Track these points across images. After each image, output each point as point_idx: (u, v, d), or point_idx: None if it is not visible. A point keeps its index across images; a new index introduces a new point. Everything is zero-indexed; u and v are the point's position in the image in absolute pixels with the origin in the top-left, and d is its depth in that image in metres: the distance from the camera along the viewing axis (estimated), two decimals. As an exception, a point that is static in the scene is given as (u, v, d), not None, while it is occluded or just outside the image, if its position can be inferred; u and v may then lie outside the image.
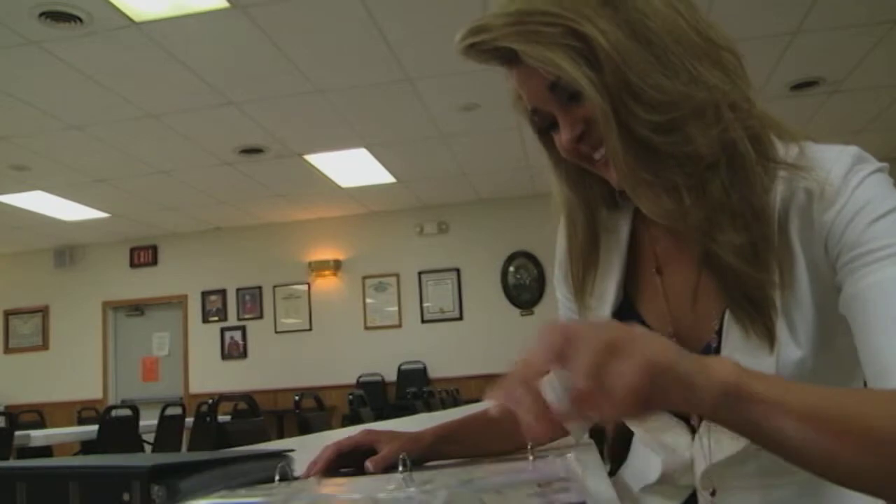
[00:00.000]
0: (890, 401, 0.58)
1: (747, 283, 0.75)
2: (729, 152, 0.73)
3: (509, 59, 0.75)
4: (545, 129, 0.81)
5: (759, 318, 0.75)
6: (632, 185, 0.75)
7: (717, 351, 0.80)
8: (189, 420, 5.49)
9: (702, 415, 0.67)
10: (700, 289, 0.83)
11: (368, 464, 0.85)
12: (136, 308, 8.71)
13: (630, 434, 1.05)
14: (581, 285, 0.92)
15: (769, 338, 0.75)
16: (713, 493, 0.84)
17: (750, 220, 0.74)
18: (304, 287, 8.26)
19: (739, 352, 0.77)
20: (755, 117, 0.75)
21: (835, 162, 0.74)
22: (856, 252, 0.71)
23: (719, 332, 0.80)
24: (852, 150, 0.75)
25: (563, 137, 0.77)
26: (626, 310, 0.90)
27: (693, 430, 0.85)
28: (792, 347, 0.75)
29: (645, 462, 0.95)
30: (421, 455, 0.93)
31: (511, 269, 7.92)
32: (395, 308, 8.06)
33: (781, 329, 0.75)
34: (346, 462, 0.88)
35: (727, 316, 0.79)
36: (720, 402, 0.56)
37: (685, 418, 0.85)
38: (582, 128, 0.76)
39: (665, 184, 0.74)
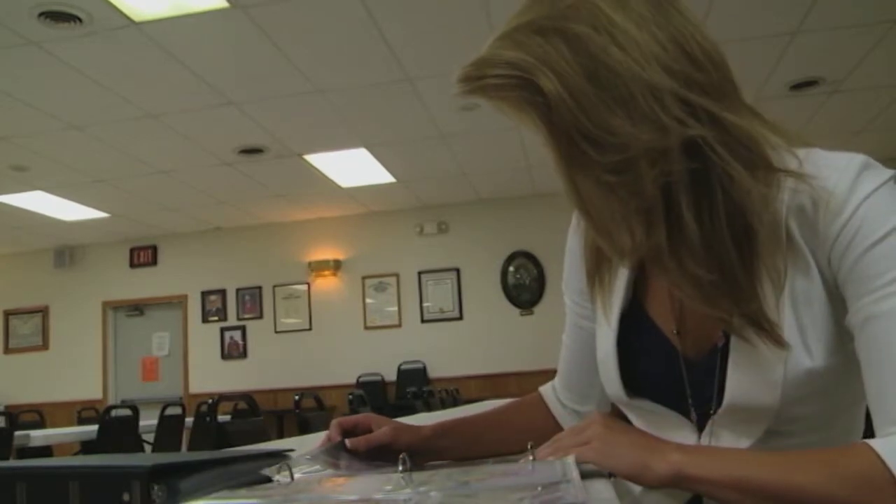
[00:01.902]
0: (816, 463, 0.67)
1: (728, 311, 0.76)
2: (702, 183, 0.72)
3: None
4: None
5: (761, 333, 0.75)
6: (591, 223, 0.77)
7: (726, 351, 0.80)
8: (189, 420, 5.49)
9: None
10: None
11: (348, 441, 0.90)
12: (136, 308, 8.71)
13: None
14: (594, 276, 0.93)
15: (778, 344, 0.75)
16: None
17: (730, 246, 0.73)
18: (304, 287, 8.26)
19: (749, 354, 0.77)
20: (743, 132, 0.73)
21: (842, 171, 0.73)
22: (855, 275, 0.71)
23: (727, 332, 0.80)
24: (860, 159, 0.74)
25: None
26: (634, 308, 0.91)
27: (699, 429, 0.85)
28: (803, 354, 0.75)
29: None
30: (417, 447, 0.93)
31: (511, 268, 7.92)
32: (395, 308, 8.06)
33: (792, 335, 0.75)
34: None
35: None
36: (672, 484, 0.70)
37: (689, 417, 0.86)
38: None
39: (623, 221, 0.75)
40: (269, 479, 0.71)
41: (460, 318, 7.94)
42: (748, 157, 0.73)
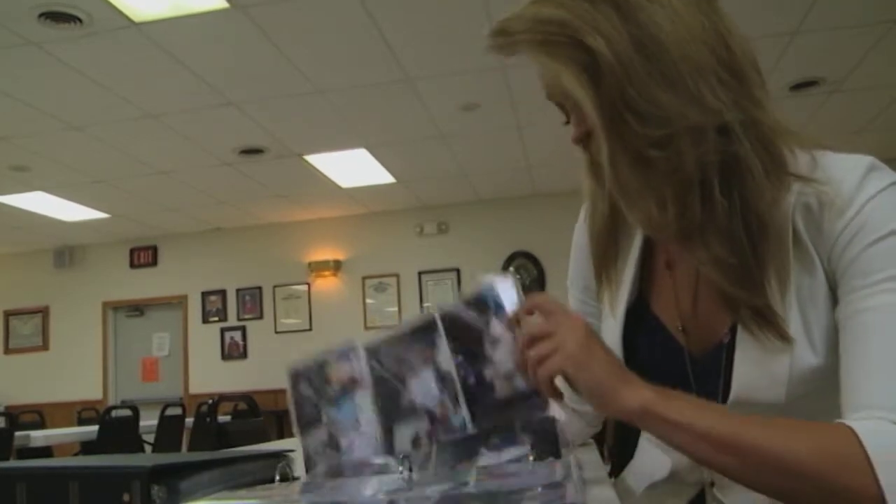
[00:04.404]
0: (794, 430, 0.67)
1: (742, 295, 0.76)
2: (727, 170, 0.74)
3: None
4: (567, 117, 0.83)
5: (767, 326, 0.75)
6: (623, 194, 0.77)
7: (731, 348, 0.80)
8: (189, 420, 5.49)
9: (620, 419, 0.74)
10: (710, 287, 0.84)
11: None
12: (136, 308, 8.71)
13: (631, 435, 1.06)
14: (600, 268, 0.93)
15: (781, 341, 0.75)
16: (712, 484, 0.85)
17: (743, 237, 0.75)
18: (304, 287, 8.26)
19: (755, 350, 0.77)
20: (767, 130, 0.75)
21: (849, 172, 0.74)
22: (852, 271, 0.72)
23: (733, 329, 0.80)
24: (867, 160, 0.76)
25: (572, 134, 0.80)
26: (639, 305, 0.91)
27: None
28: (807, 351, 0.75)
29: (653, 460, 0.95)
30: None
31: (511, 269, 7.92)
32: (395, 308, 8.06)
33: (797, 332, 0.75)
34: None
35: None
36: (635, 416, 0.70)
37: None
38: (581, 134, 0.79)
39: (655, 195, 0.75)
40: (269, 479, 0.71)
41: (460, 318, 7.93)
42: (767, 155, 0.74)
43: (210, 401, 4.69)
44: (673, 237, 0.79)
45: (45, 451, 4.68)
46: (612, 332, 0.92)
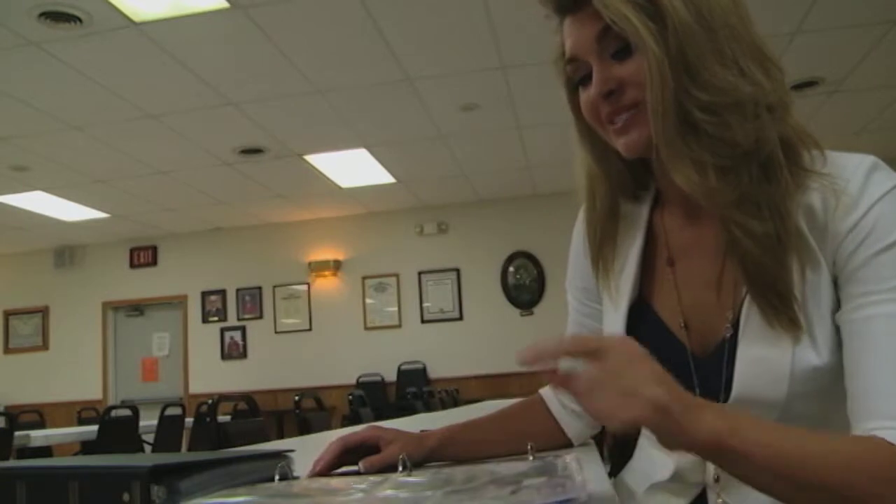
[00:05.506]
0: (850, 461, 0.64)
1: (769, 273, 0.76)
2: (764, 149, 0.75)
3: (572, 3, 0.78)
4: (577, 82, 0.83)
5: (783, 308, 0.76)
6: (666, 145, 0.76)
7: (733, 342, 0.80)
8: (189, 420, 5.49)
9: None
10: (716, 280, 0.84)
11: (362, 464, 0.85)
12: (136, 308, 8.71)
13: (630, 435, 1.06)
14: (598, 259, 0.93)
15: (792, 328, 0.76)
16: (717, 479, 0.85)
17: (772, 215, 0.76)
18: (304, 287, 8.26)
19: (757, 346, 0.77)
20: (790, 126, 0.77)
21: (853, 172, 0.75)
22: (859, 276, 0.73)
23: (735, 324, 0.80)
24: (870, 160, 0.77)
25: (592, 91, 0.80)
26: (640, 304, 0.91)
27: None
28: (809, 350, 0.76)
29: (653, 461, 0.95)
30: (424, 457, 0.93)
31: (511, 269, 7.92)
32: (395, 308, 8.06)
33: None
34: (351, 458, 0.87)
35: (745, 307, 0.79)
36: (703, 450, 0.64)
37: None
38: (613, 86, 0.78)
39: (694, 157, 0.75)
40: (269, 479, 0.71)
41: (460, 318, 7.94)
42: (788, 149, 0.77)
43: (210, 401, 4.68)
44: (717, 204, 0.79)
45: (45, 451, 4.68)
46: (614, 326, 0.92)
